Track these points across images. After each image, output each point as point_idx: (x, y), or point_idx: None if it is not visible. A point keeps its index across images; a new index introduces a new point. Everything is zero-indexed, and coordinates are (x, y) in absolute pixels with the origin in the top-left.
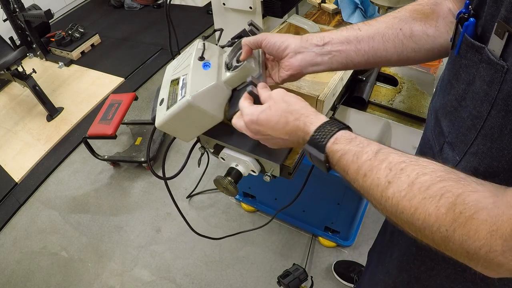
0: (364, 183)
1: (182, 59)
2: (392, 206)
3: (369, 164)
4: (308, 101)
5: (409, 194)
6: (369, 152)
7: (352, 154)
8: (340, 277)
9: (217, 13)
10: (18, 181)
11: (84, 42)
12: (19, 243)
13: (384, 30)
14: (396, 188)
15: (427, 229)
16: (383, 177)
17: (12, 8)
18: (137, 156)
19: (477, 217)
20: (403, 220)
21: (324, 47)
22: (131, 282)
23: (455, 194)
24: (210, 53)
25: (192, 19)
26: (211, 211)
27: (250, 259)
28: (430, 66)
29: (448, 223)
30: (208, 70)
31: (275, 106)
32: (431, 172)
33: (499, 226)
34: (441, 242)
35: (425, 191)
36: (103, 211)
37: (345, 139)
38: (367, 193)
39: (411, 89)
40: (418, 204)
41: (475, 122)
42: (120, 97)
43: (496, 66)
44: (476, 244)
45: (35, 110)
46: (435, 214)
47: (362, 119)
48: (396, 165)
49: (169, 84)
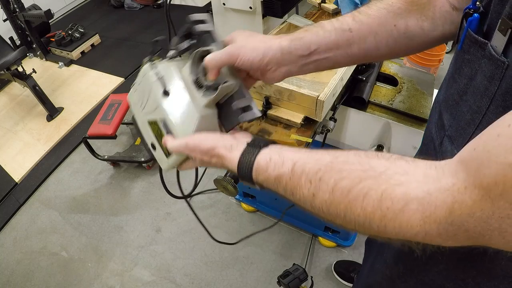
0: (294, 199)
1: (143, 95)
2: (325, 215)
3: (290, 184)
4: (308, 101)
5: (334, 201)
6: (285, 171)
7: (273, 179)
8: (340, 277)
9: (217, 13)
10: (18, 181)
11: (84, 42)
12: (19, 243)
13: (377, 28)
14: (321, 198)
15: (361, 227)
16: (306, 192)
17: (12, 8)
18: (137, 156)
19: (408, 209)
20: (338, 223)
21: (310, 57)
22: (131, 282)
23: (379, 191)
24: (170, 79)
25: None
26: (211, 211)
27: (250, 259)
28: (430, 66)
29: (377, 220)
30: (183, 105)
31: (199, 156)
32: (348, 175)
33: (433, 211)
34: (377, 235)
35: (347, 195)
36: (103, 211)
37: (261, 169)
38: (300, 206)
39: (411, 89)
40: (345, 208)
41: (474, 117)
42: (120, 97)
43: (497, 62)
44: (411, 232)
45: (35, 110)
46: (363, 214)
47: (362, 119)
48: (313, 176)
49: (148, 125)
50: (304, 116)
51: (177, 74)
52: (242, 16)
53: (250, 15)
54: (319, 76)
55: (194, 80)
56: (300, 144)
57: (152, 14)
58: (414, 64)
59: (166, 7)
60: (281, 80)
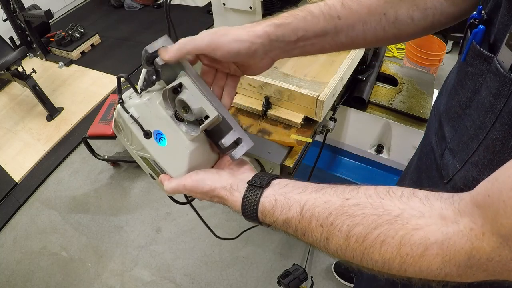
0: (307, 241)
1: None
2: (340, 257)
3: (301, 227)
4: (308, 101)
5: (349, 247)
6: (294, 215)
7: (282, 223)
8: (340, 277)
9: (217, 13)
10: (18, 181)
11: (84, 42)
12: (19, 243)
13: (366, 17)
14: (335, 243)
15: (379, 270)
16: (319, 236)
17: (12, 8)
18: None
19: (428, 254)
20: (356, 264)
21: (297, 43)
22: (131, 282)
23: (397, 238)
24: (146, 119)
25: (192, 19)
26: (211, 211)
27: (250, 259)
28: (430, 66)
29: (397, 265)
30: (168, 144)
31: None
32: (362, 220)
33: (452, 256)
34: (397, 276)
35: (362, 242)
36: (103, 211)
37: (268, 212)
38: (315, 247)
39: (411, 89)
40: (362, 254)
41: (477, 132)
42: None
43: (504, 78)
44: (431, 274)
45: (35, 110)
46: (381, 260)
47: (362, 119)
48: (324, 220)
49: (141, 159)
50: (304, 116)
51: (153, 112)
52: (242, 16)
53: (250, 15)
54: (319, 76)
55: (172, 115)
56: (300, 144)
57: (152, 14)
58: (414, 64)
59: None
60: (267, 69)
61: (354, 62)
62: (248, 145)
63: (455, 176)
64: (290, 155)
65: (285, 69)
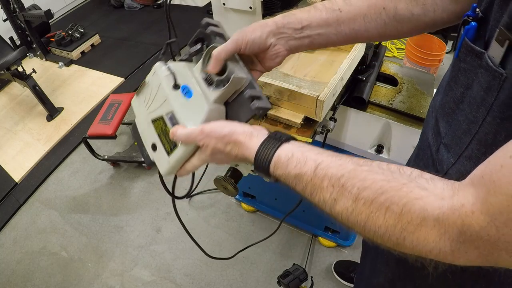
0: (312, 200)
1: (150, 93)
2: (343, 221)
3: (311, 185)
4: (308, 101)
5: (355, 210)
6: (307, 172)
7: (293, 177)
8: (340, 277)
9: (217, 13)
10: (18, 181)
11: (84, 42)
12: (19, 243)
13: (366, 10)
14: (343, 205)
15: (379, 238)
16: (328, 196)
17: (12, 8)
18: (137, 156)
19: (425, 224)
20: (357, 231)
21: (302, 31)
22: (131, 282)
23: (400, 205)
24: (180, 74)
25: (192, 19)
26: (211, 211)
27: (250, 259)
28: (430, 66)
29: (397, 233)
30: (192, 97)
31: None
32: (372, 185)
33: (446, 229)
34: (393, 247)
35: (369, 206)
36: (103, 211)
37: (282, 163)
38: (319, 208)
39: (411, 89)
40: (367, 218)
41: (470, 127)
42: (120, 97)
43: (495, 73)
44: (426, 248)
45: (35, 110)
46: (384, 226)
47: (362, 119)
48: (336, 181)
49: (151, 125)
50: (304, 116)
51: (188, 71)
52: (242, 16)
53: (250, 15)
54: (319, 76)
55: (204, 78)
56: None
57: (152, 14)
58: (414, 64)
59: (166, 7)
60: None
61: (354, 62)
62: (268, 104)
63: (450, 170)
64: None
65: (285, 69)
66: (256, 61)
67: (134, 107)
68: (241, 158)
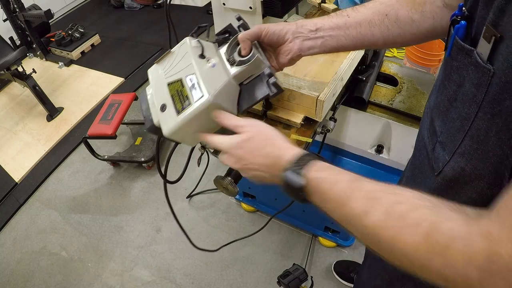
0: (343, 211)
1: (173, 61)
2: (371, 235)
3: (345, 194)
4: (308, 101)
5: (386, 224)
6: (344, 181)
7: (329, 182)
8: (340, 277)
9: (217, 13)
10: (18, 181)
11: (84, 42)
12: (19, 243)
13: (371, 17)
14: (374, 217)
15: (405, 258)
16: (360, 207)
17: (12, 8)
18: (137, 156)
19: (453, 247)
20: (383, 250)
21: (317, 32)
22: (131, 282)
23: (430, 222)
24: (208, 49)
25: (192, 19)
26: (211, 211)
27: (250, 259)
28: (430, 66)
29: (425, 252)
30: (215, 68)
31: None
32: (406, 201)
33: (473, 256)
34: (420, 270)
35: (401, 221)
36: (103, 211)
37: (321, 168)
38: (347, 222)
39: (411, 89)
40: (396, 233)
41: (463, 123)
42: (120, 97)
43: (483, 69)
44: (454, 273)
45: (35, 110)
46: (411, 243)
47: (362, 119)
48: (371, 193)
49: (166, 87)
50: (304, 116)
51: (213, 48)
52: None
53: (250, 15)
54: (319, 76)
55: (227, 58)
56: (300, 144)
57: (152, 14)
58: (414, 64)
59: (166, 7)
60: (296, 54)
61: (354, 62)
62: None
63: (445, 168)
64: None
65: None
66: (272, 57)
67: (149, 74)
68: (272, 157)
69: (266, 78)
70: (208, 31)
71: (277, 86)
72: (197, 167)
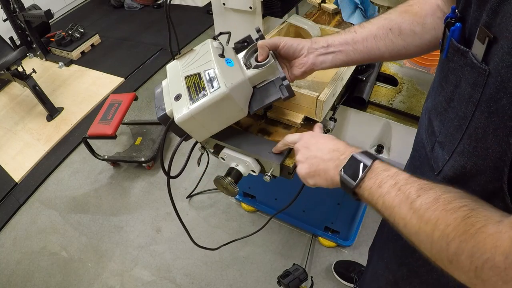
0: (396, 197)
1: (194, 57)
2: (418, 218)
3: (405, 180)
4: (308, 101)
5: (433, 206)
6: (403, 175)
7: (391, 170)
8: (340, 277)
9: (217, 13)
10: (18, 181)
11: (84, 42)
12: (19, 243)
13: (376, 31)
14: (424, 200)
15: (443, 240)
16: (414, 191)
17: (12, 8)
18: (137, 156)
19: (486, 230)
20: (425, 233)
21: (328, 48)
22: (131, 282)
23: (470, 208)
24: (228, 51)
25: (192, 19)
26: (211, 211)
27: (250, 259)
28: (430, 66)
29: (461, 233)
30: (233, 67)
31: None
32: (455, 192)
33: (502, 242)
34: (454, 254)
35: (447, 204)
36: (103, 211)
37: (381, 168)
38: (397, 207)
39: (411, 89)
40: (440, 214)
41: (461, 123)
42: (120, 97)
43: (479, 69)
44: (483, 257)
45: (35, 110)
46: (453, 224)
47: (362, 119)
48: (425, 185)
49: (183, 80)
50: (304, 116)
51: (232, 52)
52: (242, 16)
53: (250, 15)
54: (319, 76)
55: (244, 62)
56: None
57: (152, 14)
58: (414, 64)
59: (166, 7)
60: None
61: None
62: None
63: (445, 167)
64: (290, 155)
65: None
66: (285, 68)
67: (168, 69)
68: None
69: (279, 83)
70: (229, 38)
71: (289, 89)
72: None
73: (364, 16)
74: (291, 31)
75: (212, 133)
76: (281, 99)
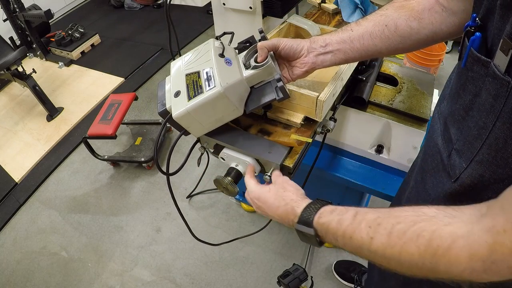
0: (352, 244)
1: (196, 56)
2: (381, 258)
3: (351, 228)
4: (308, 101)
5: (390, 243)
6: (348, 217)
7: (336, 222)
8: (340, 277)
9: (217, 13)
10: (18, 181)
11: (84, 42)
12: (19, 243)
13: (372, 29)
14: (378, 241)
15: (414, 267)
16: (365, 235)
17: (12, 8)
18: (137, 156)
19: (455, 246)
20: (394, 266)
21: (326, 47)
22: (131, 282)
23: (430, 231)
24: (228, 51)
25: (192, 19)
26: (211, 211)
27: (250, 259)
28: (430, 66)
29: (430, 257)
30: (231, 67)
31: (274, 190)
32: (404, 220)
33: (477, 249)
34: (430, 274)
35: (402, 236)
36: (103, 211)
37: (327, 212)
38: (358, 253)
39: (411, 89)
40: (401, 249)
41: (481, 132)
42: (120, 97)
43: (502, 81)
44: (459, 269)
45: (35, 110)
46: (417, 252)
47: (362, 119)
48: (373, 221)
49: (184, 77)
50: (304, 116)
51: (233, 52)
52: (242, 16)
53: (250, 15)
54: (319, 76)
55: (244, 63)
56: (300, 144)
57: (152, 14)
58: (414, 64)
59: (166, 7)
60: (310, 67)
61: (354, 62)
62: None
63: (462, 175)
64: (290, 155)
65: None
66: (285, 68)
67: (172, 66)
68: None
69: (275, 84)
70: (232, 38)
71: (283, 90)
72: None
73: (364, 16)
74: (291, 31)
75: (209, 129)
76: (275, 100)
